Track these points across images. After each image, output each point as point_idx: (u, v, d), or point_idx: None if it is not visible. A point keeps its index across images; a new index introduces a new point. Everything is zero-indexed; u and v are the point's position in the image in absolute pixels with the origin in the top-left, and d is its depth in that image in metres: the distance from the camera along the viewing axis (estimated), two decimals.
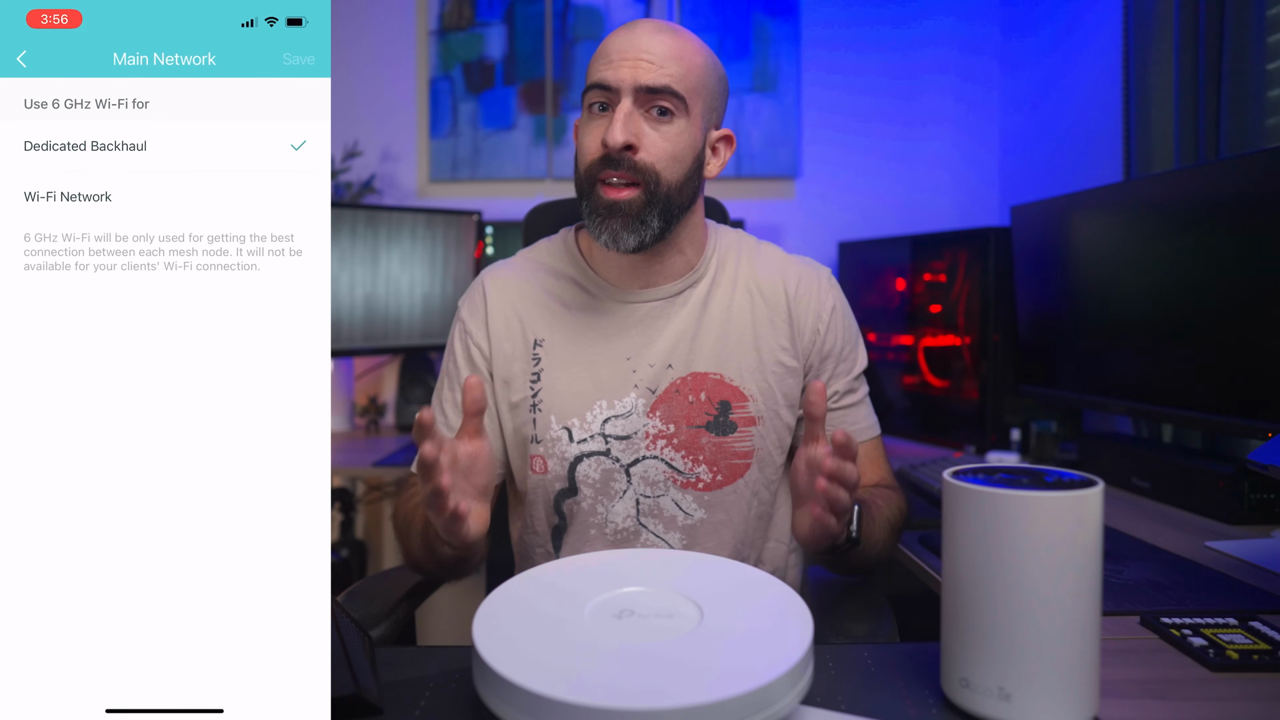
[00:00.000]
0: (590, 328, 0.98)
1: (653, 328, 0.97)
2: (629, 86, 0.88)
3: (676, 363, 0.96)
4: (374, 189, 2.30)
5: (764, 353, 0.98)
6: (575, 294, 1.00)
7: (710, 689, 0.52)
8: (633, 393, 0.96)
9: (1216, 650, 0.69)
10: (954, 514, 0.59)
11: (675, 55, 0.90)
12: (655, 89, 0.88)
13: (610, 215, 0.90)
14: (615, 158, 0.88)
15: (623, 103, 0.89)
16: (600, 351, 0.97)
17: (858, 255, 2.15)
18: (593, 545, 0.97)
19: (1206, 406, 1.26)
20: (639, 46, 0.89)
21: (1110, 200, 1.47)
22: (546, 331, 0.98)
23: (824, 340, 0.99)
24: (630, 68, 0.88)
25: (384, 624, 0.91)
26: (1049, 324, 1.64)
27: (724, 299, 0.99)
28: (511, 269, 1.03)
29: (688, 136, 0.91)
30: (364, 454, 1.89)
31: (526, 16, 2.32)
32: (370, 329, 2.06)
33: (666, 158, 0.90)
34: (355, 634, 0.65)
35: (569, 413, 0.96)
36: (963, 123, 2.33)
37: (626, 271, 0.98)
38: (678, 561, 0.75)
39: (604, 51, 0.91)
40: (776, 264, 1.02)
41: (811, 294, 1.00)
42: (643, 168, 0.89)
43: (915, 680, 0.65)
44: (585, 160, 0.92)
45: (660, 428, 0.95)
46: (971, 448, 1.81)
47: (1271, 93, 1.35)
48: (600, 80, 0.90)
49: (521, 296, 1.00)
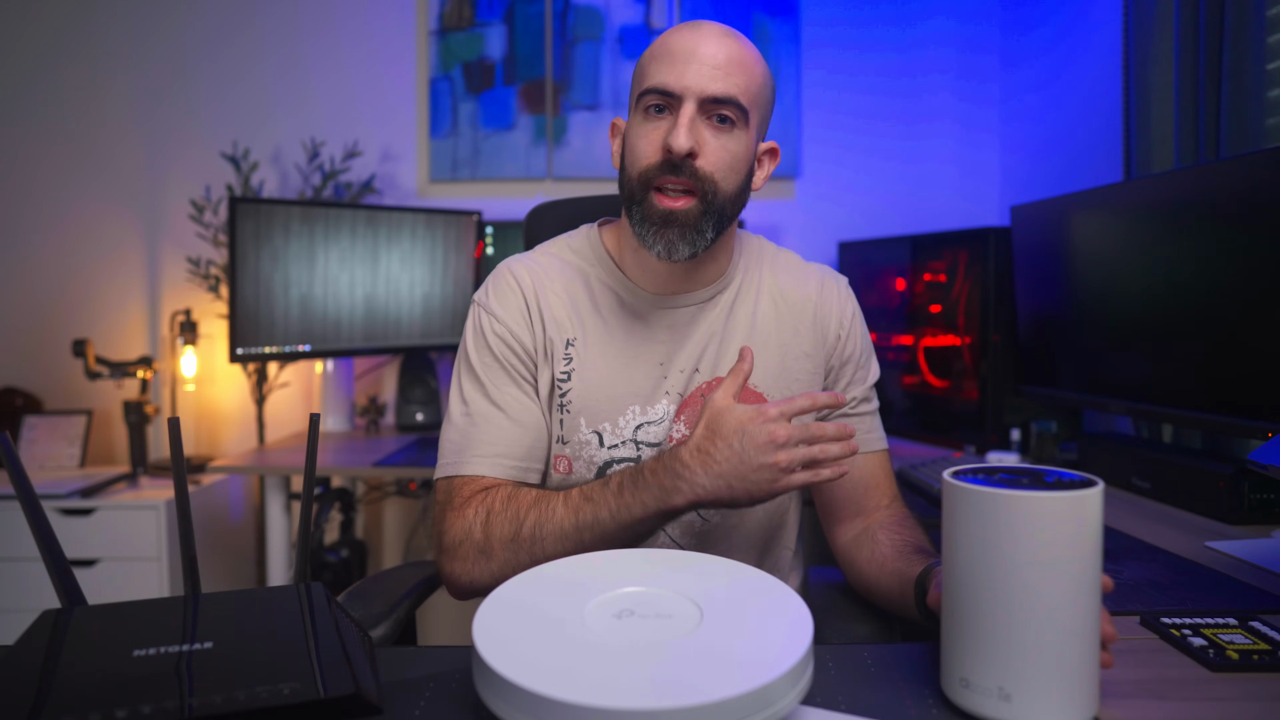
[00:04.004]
0: (624, 331, 0.95)
1: (683, 333, 0.96)
2: (694, 94, 0.85)
3: (704, 367, 0.95)
4: (374, 189, 2.30)
5: (788, 358, 0.97)
6: (607, 296, 0.97)
7: (710, 689, 0.52)
8: (664, 399, 0.94)
9: (1216, 650, 0.69)
10: (954, 514, 0.59)
11: (741, 65, 0.86)
12: (721, 99, 0.85)
13: (666, 225, 0.87)
14: (676, 164, 0.85)
15: (686, 107, 0.85)
16: (635, 356, 0.95)
17: (858, 255, 2.15)
18: None
19: (1206, 406, 1.26)
20: (706, 52, 0.85)
21: (1110, 200, 1.46)
22: (578, 331, 0.95)
23: (845, 346, 0.99)
24: (696, 74, 0.84)
25: (384, 624, 0.91)
26: (1049, 324, 1.64)
27: (749, 304, 0.98)
28: (537, 263, 0.99)
29: (744, 147, 0.89)
30: (364, 454, 1.90)
31: (526, 16, 2.32)
32: (370, 329, 2.06)
33: (725, 168, 0.87)
34: (355, 634, 0.65)
35: (600, 417, 0.93)
36: (963, 123, 2.33)
37: (662, 277, 0.95)
38: (678, 561, 0.74)
39: (665, 52, 0.87)
40: (798, 270, 1.02)
41: (833, 300, 1.00)
42: (703, 176, 0.86)
43: (915, 680, 0.65)
44: (641, 164, 0.87)
45: (685, 433, 0.94)
46: (971, 448, 1.81)
47: (1271, 93, 1.35)
48: (662, 84, 0.85)
49: (551, 292, 0.96)
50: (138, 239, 2.37)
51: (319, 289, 1.98)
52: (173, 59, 2.35)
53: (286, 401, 2.39)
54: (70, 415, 2.22)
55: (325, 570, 2.09)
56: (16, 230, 2.36)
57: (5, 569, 1.90)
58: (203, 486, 2.11)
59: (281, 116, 2.35)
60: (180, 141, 2.36)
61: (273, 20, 2.35)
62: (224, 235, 2.24)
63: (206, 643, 0.59)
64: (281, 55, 2.35)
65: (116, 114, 2.35)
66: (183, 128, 2.36)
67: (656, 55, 0.88)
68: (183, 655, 0.57)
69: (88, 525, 1.91)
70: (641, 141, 0.88)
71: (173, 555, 1.94)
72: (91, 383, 2.26)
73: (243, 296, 1.88)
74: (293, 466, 1.83)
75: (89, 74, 2.34)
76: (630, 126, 0.91)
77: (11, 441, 0.73)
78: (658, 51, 0.88)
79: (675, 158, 0.84)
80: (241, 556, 2.32)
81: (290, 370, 2.35)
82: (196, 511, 2.02)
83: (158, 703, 0.52)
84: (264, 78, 2.35)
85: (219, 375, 2.38)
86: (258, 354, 1.92)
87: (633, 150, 0.89)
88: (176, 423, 0.68)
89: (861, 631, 0.87)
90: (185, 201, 2.29)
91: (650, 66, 0.88)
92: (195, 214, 2.26)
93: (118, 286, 2.38)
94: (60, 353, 2.32)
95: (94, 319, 2.37)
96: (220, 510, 2.22)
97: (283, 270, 1.93)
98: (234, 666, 0.56)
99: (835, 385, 1.00)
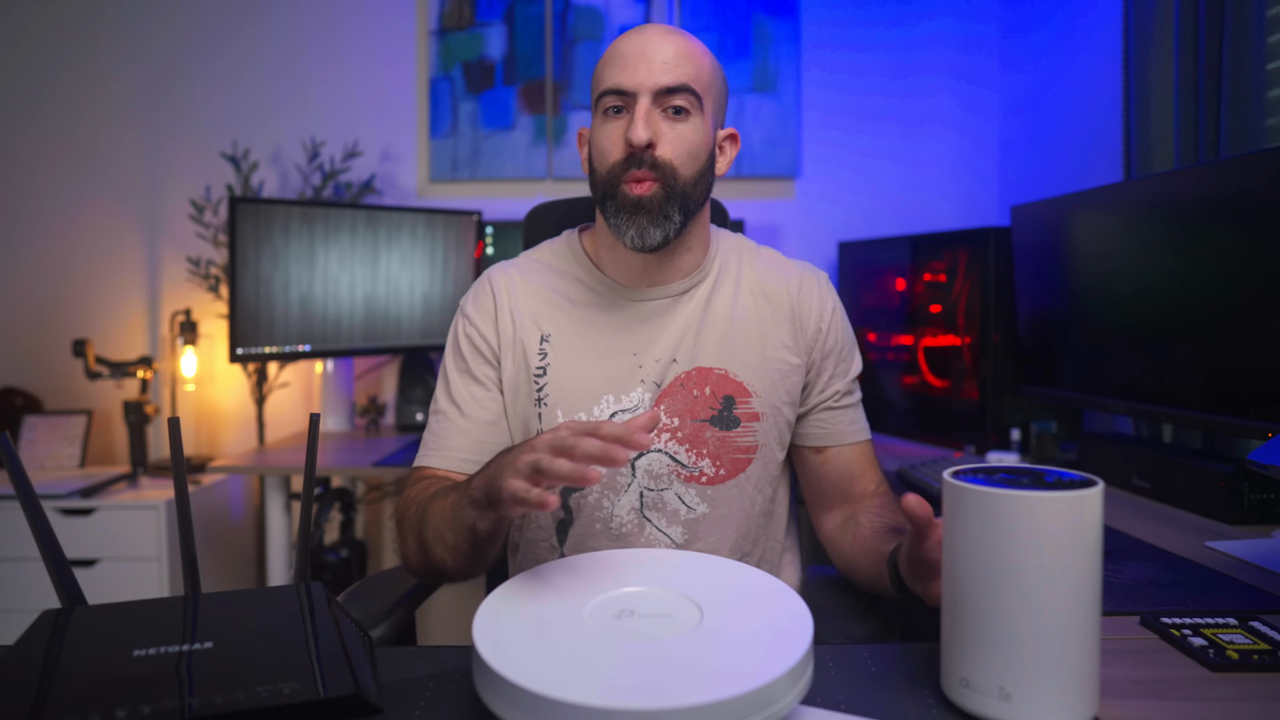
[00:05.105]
0: (597, 324, 0.99)
1: (658, 324, 0.99)
2: (648, 88, 0.90)
3: (681, 357, 0.98)
4: (374, 189, 2.30)
5: (768, 349, 0.99)
6: (582, 292, 1.01)
7: (710, 689, 0.52)
8: (639, 387, 0.97)
9: (1216, 650, 0.69)
10: (954, 514, 0.59)
11: (689, 56, 0.92)
12: (673, 88, 0.90)
13: (636, 212, 0.91)
14: (638, 156, 0.90)
15: (641, 102, 0.90)
16: (608, 347, 0.98)
17: (858, 255, 2.15)
18: (597, 539, 0.97)
19: (1206, 406, 1.26)
20: (651, 48, 0.91)
21: (1110, 200, 1.46)
22: (553, 327, 0.99)
23: (826, 339, 1.02)
24: (647, 70, 0.90)
25: (384, 624, 0.91)
26: (1049, 324, 1.64)
27: (728, 297, 1.01)
28: (516, 268, 1.04)
29: (701, 134, 0.93)
30: (364, 454, 1.90)
31: (526, 16, 2.32)
32: (370, 329, 2.06)
33: (683, 154, 0.92)
34: (355, 634, 0.65)
35: (575, 407, 0.96)
36: (963, 123, 2.33)
37: (636, 271, 0.99)
38: (678, 561, 0.74)
39: (617, 56, 0.93)
40: (778, 265, 1.04)
41: (813, 294, 1.03)
42: (662, 164, 0.91)
43: (915, 680, 0.65)
44: (607, 163, 0.93)
45: (665, 421, 0.96)
46: (971, 448, 1.81)
47: (1271, 93, 1.35)
48: (616, 84, 0.91)
49: (528, 293, 1.01)
50: (138, 239, 2.37)
51: (319, 289, 1.98)
52: (173, 59, 2.35)
53: (286, 401, 2.39)
54: (70, 415, 2.22)
55: (325, 570, 2.09)
56: (16, 230, 2.36)
57: (5, 569, 1.90)
58: (203, 486, 2.11)
59: (281, 116, 2.35)
60: (180, 141, 2.36)
61: (273, 20, 2.35)
62: (224, 235, 2.24)
63: (206, 643, 0.59)
64: (281, 55, 2.35)
65: (116, 114, 2.35)
66: (183, 128, 2.36)
67: (609, 61, 0.94)
68: (183, 655, 0.57)
69: (88, 525, 1.91)
70: (605, 141, 0.93)
71: (173, 555, 1.94)
72: (91, 383, 2.26)
73: (243, 296, 1.88)
74: (293, 466, 1.83)
75: (89, 74, 2.34)
76: (594, 131, 0.96)
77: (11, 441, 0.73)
78: (610, 57, 0.94)
79: (636, 150, 0.89)
80: (241, 556, 2.32)
81: (290, 370, 2.35)
82: (196, 511, 2.02)
83: (158, 703, 0.52)
84: (264, 78, 2.35)
85: (219, 375, 2.38)
86: (258, 354, 1.92)
87: (598, 150, 0.94)
88: (176, 423, 0.68)
89: (861, 631, 0.87)
90: (185, 201, 2.29)
91: (605, 71, 0.94)
92: (195, 214, 2.26)
93: (118, 286, 2.38)
94: (60, 353, 2.32)
95: (94, 319, 2.37)
96: (220, 510, 2.22)
97: (283, 270, 1.93)
98: (234, 666, 0.56)
99: (818, 380, 1.02)
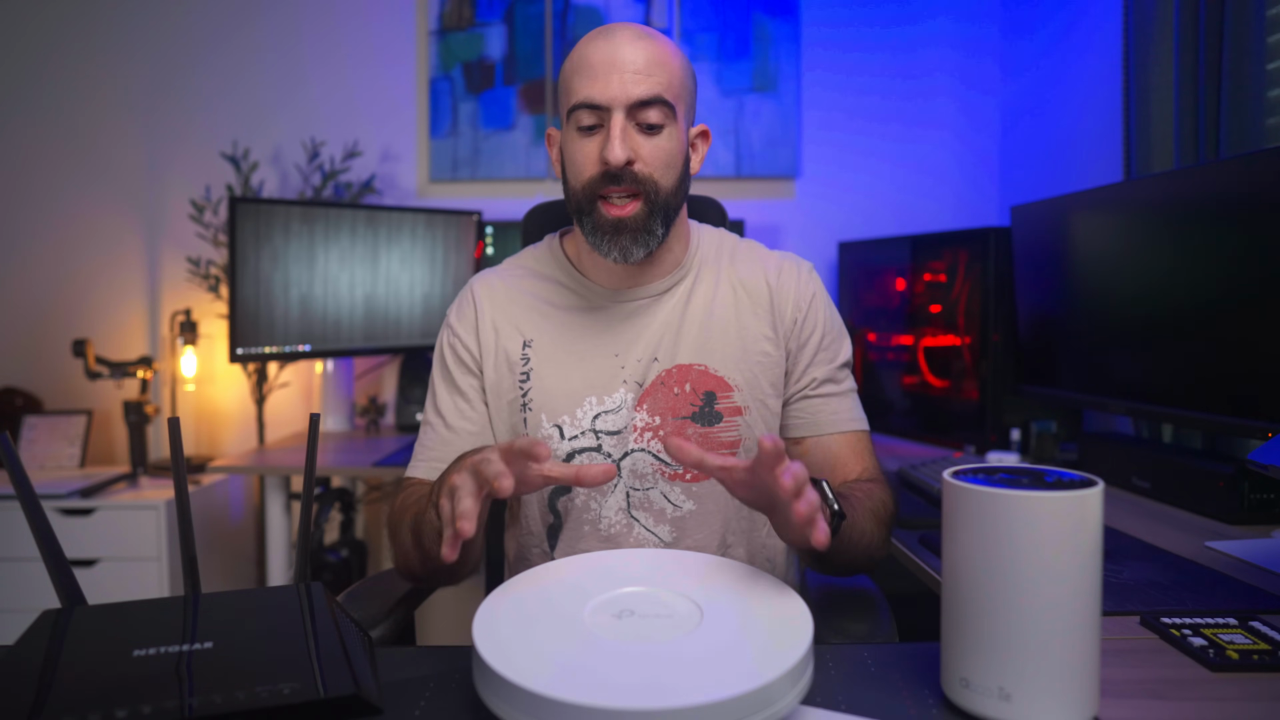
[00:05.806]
0: (578, 326, 0.99)
1: (639, 323, 0.99)
2: (621, 103, 0.88)
3: (662, 355, 0.98)
4: (374, 189, 2.30)
5: (748, 342, 0.99)
6: (563, 295, 1.01)
7: (710, 689, 0.52)
8: (622, 388, 0.97)
9: (1216, 650, 0.69)
10: (954, 514, 0.59)
11: (660, 63, 0.90)
12: (648, 101, 0.89)
13: (618, 233, 0.91)
14: (616, 173, 0.89)
15: (616, 118, 0.88)
16: (589, 349, 0.98)
17: (858, 255, 2.15)
18: (587, 541, 0.97)
19: (1206, 406, 1.26)
20: (622, 57, 0.88)
21: (1110, 200, 1.46)
22: (535, 332, 0.99)
23: (803, 326, 1.00)
24: (619, 83, 0.88)
25: (384, 624, 0.91)
26: (1049, 324, 1.64)
27: (707, 293, 1.00)
28: (499, 275, 1.04)
29: (676, 142, 0.92)
30: (364, 454, 1.90)
31: (526, 16, 2.32)
32: (370, 329, 2.06)
33: (662, 166, 0.91)
34: (355, 634, 0.65)
35: (559, 410, 0.97)
36: (963, 123, 2.33)
37: (618, 274, 0.99)
38: (678, 561, 0.74)
39: (586, 65, 0.90)
40: (758, 257, 1.04)
41: (791, 282, 1.01)
42: (643, 178, 0.90)
43: (915, 680, 0.65)
44: (582, 178, 0.92)
45: (647, 420, 0.96)
46: (971, 448, 1.81)
47: (1271, 93, 1.35)
48: (588, 98, 0.89)
49: (510, 300, 1.01)
50: (138, 239, 2.37)
51: (319, 289, 1.98)
52: (173, 59, 2.35)
53: (286, 401, 2.39)
54: (70, 415, 2.22)
55: (325, 570, 2.09)
56: (16, 230, 2.36)
57: (5, 569, 1.90)
58: (203, 486, 2.11)
59: (281, 116, 2.35)
60: (180, 141, 2.36)
61: (273, 20, 2.35)
62: (224, 235, 2.24)
63: (206, 643, 0.59)
64: (281, 55, 2.35)
65: (117, 114, 2.35)
66: (183, 127, 2.36)
67: (578, 69, 0.91)
68: (183, 655, 0.57)
69: (88, 525, 1.91)
70: (579, 155, 0.92)
71: (173, 555, 1.94)
72: (91, 383, 2.26)
73: (243, 296, 1.88)
74: (293, 466, 1.83)
75: (89, 73, 2.34)
76: (565, 140, 0.94)
77: (11, 441, 0.73)
78: (578, 64, 0.91)
79: (613, 169, 0.88)
80: (241, 556, 2.32)
81: (290, 370, 2.35)
82: (196, 511, 2.02)
83: (158, 703, 0.52)
84: (264, 78, 2.35)
85: (219, 375, 2.38)
86: (258, 354, 1.92)
87: (572, 163, 0.93)
88: (176, 423, 0.68)
89: (861, 631, 0.87)
90: (185, 201, 2.29)
91: (574, 81, 0.91)
92: (195, 214, 2.26)
93: (118, 286, 2.37)
94: (60, 353, 2.32)
95: (94, 319, 2.37)
96: (220, 510, 2.22)
97: (283, 270, 1.93)
98: (234, 666, 0.56)
99: (795, 367, 1.00)
